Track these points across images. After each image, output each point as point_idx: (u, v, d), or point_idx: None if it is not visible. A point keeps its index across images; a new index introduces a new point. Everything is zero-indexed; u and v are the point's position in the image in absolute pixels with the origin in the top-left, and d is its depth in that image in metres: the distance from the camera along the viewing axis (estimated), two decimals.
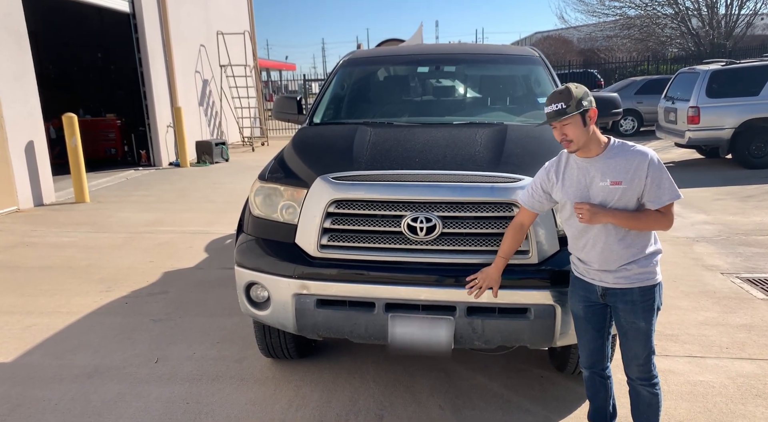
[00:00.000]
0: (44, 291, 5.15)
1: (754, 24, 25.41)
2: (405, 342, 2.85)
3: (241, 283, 3.14)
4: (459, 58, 4.76)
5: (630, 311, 2.50)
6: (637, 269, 2.46)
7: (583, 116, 2.40)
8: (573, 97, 2.38)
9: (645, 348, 2.52)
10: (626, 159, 2.41)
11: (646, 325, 2.49)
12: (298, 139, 3.70)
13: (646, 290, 2.47)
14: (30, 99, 8.99)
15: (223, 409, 3.21)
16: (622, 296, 2.50)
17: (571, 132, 2.41)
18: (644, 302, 2.48)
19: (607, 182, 2.42)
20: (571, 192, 2.52)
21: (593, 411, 2.87)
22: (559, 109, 2.40)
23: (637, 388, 2.62)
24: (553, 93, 2.46)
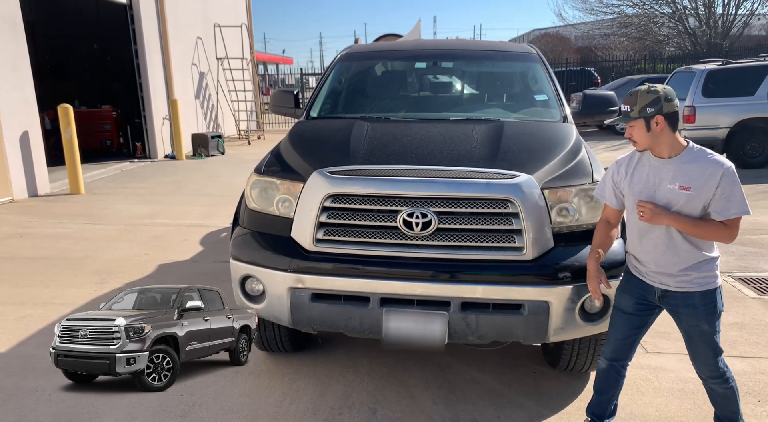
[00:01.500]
0: (38, 282, 5.15)
1: (750, 24, 25.47)
2: (399, 336, 2.87)
3: (236, 276, 3.15)
4: (456, 54, 4.76)
5: (692, 315, 2.53)
6: (696, 274, 2.49)
7: (647, 121, 2.41)
8: (638, 102, 2.42)
9: (712, 349, 2.56)
10: (701, 166, 2.40)
11: (709, 327, 2.52)
12: (295, 132, 3.70)
13: (707, 294, 2.50)
14: (25, 89, 8.94)
15: (217, 401, 3.22)
16: (683, 300, 2.53)
17: (635, 134, 2.46)
18: (706, 306, 2.50)
19: (675, 186, 2.43)
20: (637, 189, 2.53)
21: (597, 403, 2.87)
22: (625, 111, 2.47)
23: (711, 386, 2.67)
24: (631, 91, 2.50)
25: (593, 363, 3.32)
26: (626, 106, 2.47)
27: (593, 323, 2.90)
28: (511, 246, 2.82)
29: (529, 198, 2.81)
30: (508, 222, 2.81)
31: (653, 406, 3.18)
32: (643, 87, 2.47)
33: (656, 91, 2.42)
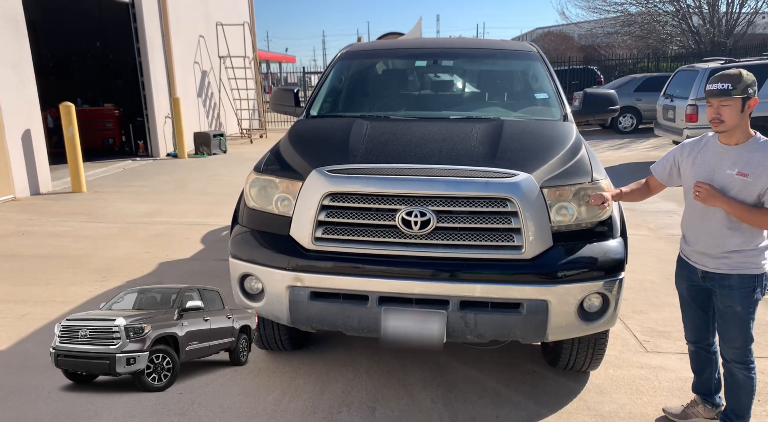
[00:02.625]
0: (39, 280, 5.16)
1: (755, 22, 25.35)
2: (398, 335, 2.86)
3: (235, 275, 3.15)
4: (457, 53, 4.75)
5: (727, 296, 2.62)
6: (739, 258, 2.58)
7: (744, 102, 2.47)
8: (742, 81, 2.45)
9: (741, 332, 2.64)
10: (763, 155, 2.48)
11: (743, 311, 2.60)
12: (295, 131, 3.70)
13: (746, 277, 2.58)
14: (27, 87, 8.96)
15: (216, 400, 3.22)
16: (720, 281, 2.63)
17: (727, 114, 2.48)
18: (742, 289, 2.59)
19: (734, 171, 2.51)
20: (698, 171, 2.64)
21: (698, 382, 2.99)
22: (724, 88, 2.46)
23: (732, 369, 2.72)
24: (722, 72, 2.52)
25: (592, 362, 3.32)
26: (725, 84, 2.46)
27: (592, 322, 2.89)
28: (510, 245, 2.81)
29: (528, 197, 2.80)
30: (507, 221, 2.80)
31: (653, 405, 3.17)
32: (743, 71, 2.50)
33: (752, 76, 2.50)
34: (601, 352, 3.28)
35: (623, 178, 9.72)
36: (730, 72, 2.51)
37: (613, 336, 3.91)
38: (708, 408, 2.98)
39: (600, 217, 2.94)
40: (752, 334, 2.66)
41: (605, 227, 2.96)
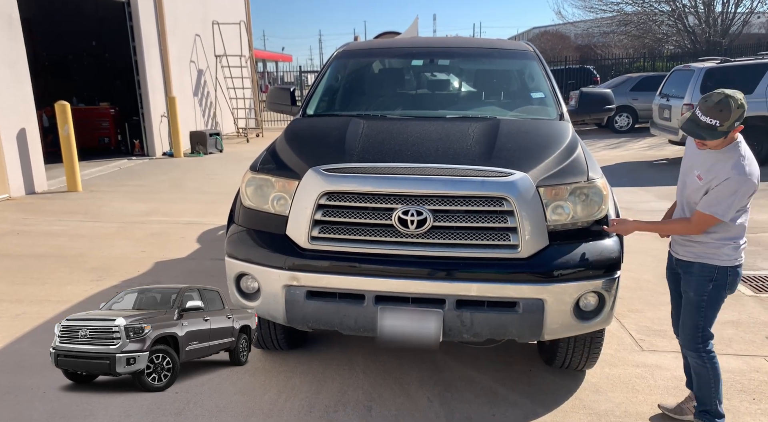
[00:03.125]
0: (35, 279, 5.14)
1: (750, 22, 25.43)
2: (394, 334, 2.87)
3: (231, 274, 3.14)
4: (453, 52, 4.75)
5: (686, 281, 2.80)
6: (702, 248, 2.72)
7: (726, 135, 2.52)
8: (730, 119, 2.46)
9: (691, 318, 2.78)
10: (724, 164, 2.57)
11: (694, 297, 2.75)
12: (291, 130, 3.69)
13: (706, 266, 2.72)
14: (22, 86, 8.92)
15: (212, 399, 3.22)
16: (685, 267, 2.81)
17: (711, 144, 2.59)
18: (700, 276, 2.73)
19: (696, 173, 2.67)
20: (684, 164, 2.81)
21: (689, 379, 3.06)
22: (711, 125, 2.48)
23: (687, 356, 2.89)
24: (714, 103, 2.49)
25: (588, 361, 3.33)
26: (713, 120, 2.47)
27: (588, 321, 2.90)
28: (506, 244, 2.81)
29: (524, 196, 2.80)
30: (503, 220, 2.81)
31: (648, 404, 3.18)
32: (731, 102, 2.47)
33: (743, 105, 2.51)
34: (597, 351, 3.29)
35: (619, 177, 9.75)
36: (720, 104, 2.48)
37: (609, 335, 3.92)
38: None
39: (596, 216, 2.95)
40: (703, 323, 2.76)
41: (601, 226, 2.96)
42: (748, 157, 2.62)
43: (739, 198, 2.58)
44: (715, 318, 2.81)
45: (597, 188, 2.96)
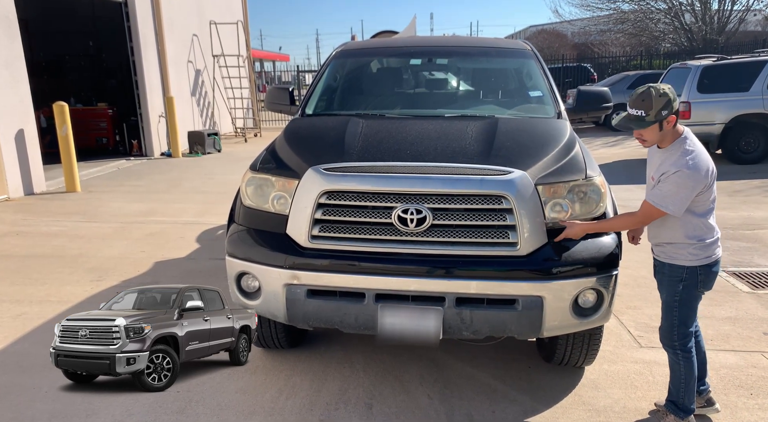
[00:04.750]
0: (34, 280, 5.15)
1: (746, 20, 25.48)
2: (394, 332, 2.88)
3: (232, 273, 3.15)
4: (451, 51, 4.76)
5: (659, 281, 2.89)
6: (671, 249, 2.78)
7: (661, 123, 2.60)
8: (653, 107, 2.56)
9: (666, 318, 2.86)
10: (669, 159, 2.65)
11: (667, 298, 2.84)
12: (290, 130, 3.70)
13: (675, 267, 2.78)
14: (20, 86, 8.92)
15: (213, 398, 3.23)
16: (659, 267, 2.88)
17: (647, 135, 2.67)
18: (670, 277, 2.80)
19: (650, 175, 2.76)
20: (648, 168, 2.86)
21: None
22: (638, 116, 2.61)
23: (666, 351, 2.94)
24: (637, 95, 2.64)
25: (587, 357, 3.35)
26: (638, 110, 2.60)
27: (586, 318, 2.92)
28: (505, 242, 2.83)
29: (523, 194, 2.82)
30: (502, 218, 2.82)
31: (647, 400, 3.20)
32: (652, 91, 2.59)
33: (666, 94, 2.59)
34: (596, 348, 3.31)
35: (617, 174, 9.76)
36: (642, 94, 2.60)
37: (607, 332, 3.94)
38: (697, 397, 3.02)
39: (594, 214, 2.97)
40: (681, 327, 2.80)
41: None
42: (695, 151, 2.63)
43: (685, 191, 2.59)
44: (692, 317, 2.83)
45: (595, 186, 2.98)
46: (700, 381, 3.03)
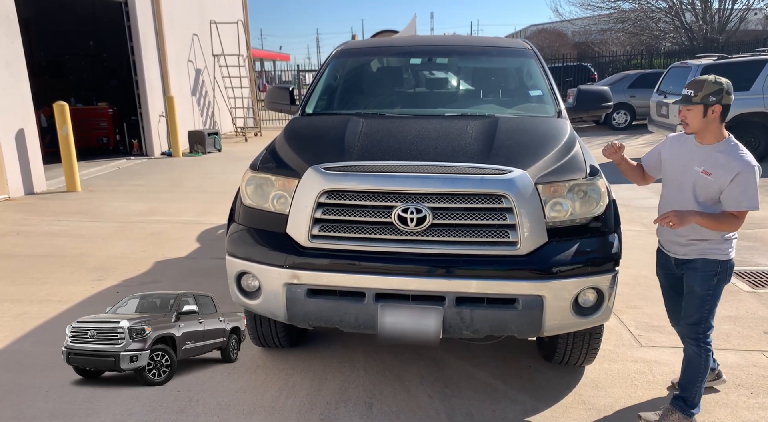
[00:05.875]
0: (35, 279, 5.15)
1: (747, 19, 25.46)
2: (394, 331, 2.88)
3: (232, 273, 3.16)
4: (451, 50, 4.76)
5: (691, 277, 2.87)
6: (705, 244, 2.82)
7: (706, 108, 2.68)
8: (704, 89, 2.68)
9: (697, 311, 2.86)
10: (727, 157, 2.71)
11: (701, 291, 2.84)
12: (290, 129, 3.70)
13: (709, 262, 2.82)
14: (21, 86, 8.92)
15: (214, 397, 3.23)
16: (687, 264, 2.89)
17: (690, 118, 2.74)
18: (704, 272, 2.83)
19: (700, 169, 2.76)
20: (675, 165, 2.90)
21: None
22: (687, 95, 2.72)
23: (685, 344, 2.95)
24: (694, 79, 2.77)
25: (587, 357, 3.35)
26: (689, 90, 2.72)
27: (587, 317, 2.92)
28: (505, 241, 2.83)
29: (523, 193, 2.82)
30: (502, 218, 2.82)
31: (647, 399, 3.20)
32: (710, 77, 2.73)
33: (721, 83, 2.69)
34: (596, 347, 3.31)
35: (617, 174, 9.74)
36: (698, 78, 2.75)
37: (607, 331, 3.94)
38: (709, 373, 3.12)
39: (594, 213, 2.97)
40: (709, 319, 2.85)
41: (599, 223, 2.98)
42: (744, 149, 2.76)
43: (757, 186, 2.70)
44: (715, 310, 2.91)
45: (595, 185, 2.98)
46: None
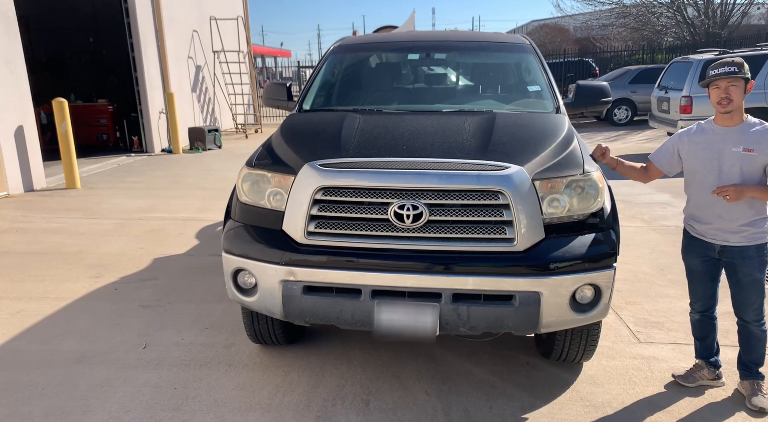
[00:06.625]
0: (33, 276, 5.14)
1: (749, 13, 25.36)
2: (391, 328, 2.87)
3: (228, 270, 3.14)
4: (449, 46, 4.73)
5: (748, 265, 2.95)
6: (753, 230, 2.91)
7: (746, 83, 2.85)
8: (745, 66, 2.84)
9: (759, 295, 2.98)
10: (760, 132, 2.86)
11: (761, 276, 2.94)
12: (287, 125, 3.68)
13: (761, 247, 2.93)
14: (20, 83, 8.91)
15: (210, 394, 3.23)
16: (739, 253, 2.95)
17: (734, 93, 2.85)
18: (760, 257, 2.94)
19: (740, 148, 2.86)
20: (703, 153, 2.96)
21: (701, 348, 3.28)
22: (731, 70, 2.83)
23: (751, 328, 3.05)
24: (723, 59, 2.91)
25: (585, 353, 3.34)
26: (731, 67, 2.83)
27: (584, 313, 2.90)
28: (502, 238, 2.81)
29: (520, 189, 2.80)
30: (498, 214, 2.80)
31: (645, 395, 3.19)
32: (738, 57, 2.90)
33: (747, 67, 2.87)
34: (594, 343, 3.30)
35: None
36: (730, 59, 2.88)
37: (606, 328, 3.93)
38: (711, 371, 3.24)
39: (592, 209, 2.94)
40: (765, 292, 2.99)
41: (597, 219, 2.96)
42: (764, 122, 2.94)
43: None
44: None
45: (593, 181, 2.95)
46: (716, 355, 3.27)
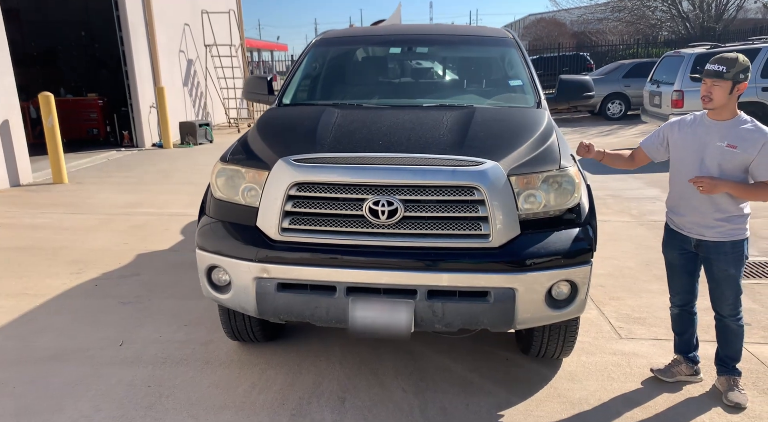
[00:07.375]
0: (13, 272, 5.09)
1: (745, 7, 25.32)
2: (365, 325, 2.84)
3: (202, 266, 3.10)
4: (431, 40, 4.68)
5: (723, 261, 2.94)
6: (729, 226, 2.89)
7: (734, 85, 2.77)
8: (736, 66, 2.75)
9: (734, 290, 2.98)
10: (747, 130, 2.81)
11: (736, 272, 2.95)
12: (264, 120, 3.64)
13: (737, 243, 2.92)
14: (4, 77, 8.82)
15: (185, 392, 3.19)
16: (714, 248, 2.94)
17: (716, 93, 2.80)
18: (735, 253, 2.92)
19: (723, 143, 2.82)
20: (689, 144, 2.95)
21: (680, 342, 3.29)
22: (718, 70, 2.77)
23: (727, 323, 3.05)
24: (722, 55, 2.83)
25: (564, 349, 3.31)
26: (720, 66, 2.76)
27: (560, 310, 2.87)
28: (478, 234, 2.78)
29: (495, 185, 2.76)
30: (474, 210, 2.77)
31: (623, 392, 3.17)
32: (738, 54, 2.81)
33: (748, 62, 2.80)
34: (572, 340, 3.27)
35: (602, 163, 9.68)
36: (728, 55, 2.81)
37: (588, 323, 3.91)
38: (689, 366, 3.24)
39: (568, 205, 2.91)
40: (741, 288, 2.98)
41: (574, 214, 2.93)
42: (758, 122, 2.88)
43: None
44: None
45: (569, 176, 2.92)
46: (695, 351, 3.27)
